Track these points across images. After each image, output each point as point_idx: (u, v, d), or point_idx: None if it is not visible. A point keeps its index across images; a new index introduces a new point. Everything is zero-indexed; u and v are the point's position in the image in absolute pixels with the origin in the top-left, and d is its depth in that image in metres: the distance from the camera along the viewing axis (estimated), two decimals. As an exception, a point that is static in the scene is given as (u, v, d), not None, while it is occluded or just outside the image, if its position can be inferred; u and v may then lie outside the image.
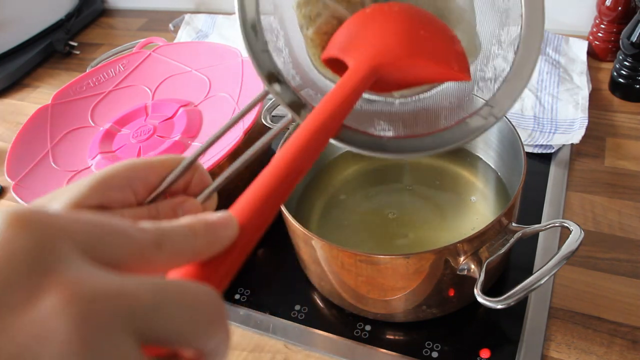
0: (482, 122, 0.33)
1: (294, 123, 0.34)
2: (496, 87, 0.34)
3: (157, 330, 0.17)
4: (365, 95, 0.37)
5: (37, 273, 0.16)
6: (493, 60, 0.36)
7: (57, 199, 0.23)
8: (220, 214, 0.21)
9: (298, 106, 0.33)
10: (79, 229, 0.17)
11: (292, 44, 0.37)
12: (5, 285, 0.15)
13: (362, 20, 0.34)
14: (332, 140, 0.32)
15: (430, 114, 0.37)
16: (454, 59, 0.33)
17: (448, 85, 0.38)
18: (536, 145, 0.66)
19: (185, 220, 0.20)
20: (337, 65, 0.34)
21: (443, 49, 0.33)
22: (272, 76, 0.34)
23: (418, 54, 0.31)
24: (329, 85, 0.37)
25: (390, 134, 0.35)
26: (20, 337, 0.15)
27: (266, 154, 0.69)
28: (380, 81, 0.31)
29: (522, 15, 0.34)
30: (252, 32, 0.34)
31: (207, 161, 0.57)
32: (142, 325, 0.16)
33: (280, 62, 0.35)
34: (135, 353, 0.16)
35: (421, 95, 0.39)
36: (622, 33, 0.68)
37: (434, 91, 0.38)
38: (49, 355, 0.14)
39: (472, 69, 0.36)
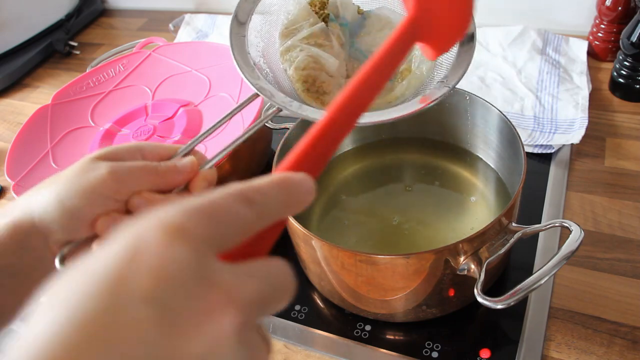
0: (438, 92, 0.42)
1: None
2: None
3: (270, 308, 0.21)
4: None
5: (200, 286, 0.18)
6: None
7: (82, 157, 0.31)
8: (301, 176, 0.23)
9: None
10: (203, 228, 0.19)
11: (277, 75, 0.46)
12: (182, 306, 0.18)
13: None
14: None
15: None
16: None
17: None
18: (536, 145, 0.66)
19: (273, 178, 0.23)
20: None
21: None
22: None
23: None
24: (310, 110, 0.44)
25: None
26: (204, 343, 0.18)
27: (266, 155, 0.69)
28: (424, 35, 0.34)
29: None
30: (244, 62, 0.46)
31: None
32: (264, 310, 0.21)
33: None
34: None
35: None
36: (622, 33, 0.68)
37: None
38: (224, 355, 0.18)
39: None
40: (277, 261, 0.22)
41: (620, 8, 0.72)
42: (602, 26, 0.76)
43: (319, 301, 0.55)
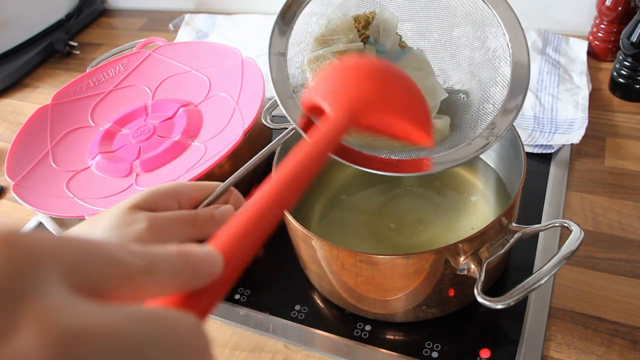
0: (484, 141, 0.39)
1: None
2: (495, 113, 0.41)
3: None
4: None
5: (13, 300, 0.15)
6: (491, 98, 0.43)
7: (118, 203, 0.29)
8: (206, 250, 0.21)
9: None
10: (65, 254, 0.16)
11: None
12: None
13: (342, 69, 0.35)
14: (348, 163, 0.37)
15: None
16: (423, 121, 0.34)
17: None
18: (536, 145, 0.66)
19: (173, 247, 0.20)
20: (318, 112, 0.35)
21: (415, 110, 0.34)
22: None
23: (392, 108, 0.33)
24: None
25: (398, 156, 0.38)
26: None
27: (266, 160, 0.69)
28: (355, 129, 0.33)
29: (510, 56, 0.42)
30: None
31: (208, 161, 0.57)
32: None
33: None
34: None
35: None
36: (622, 33, 0.68)
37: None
38: None
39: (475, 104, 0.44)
40: (190, 319, 0.18)
41: (620, 8, 0.72)
42: (602, 26, 0.76)
43: (319, 301, 0.55)
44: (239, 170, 0.36)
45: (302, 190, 0.26)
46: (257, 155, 0.37)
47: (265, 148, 0.38)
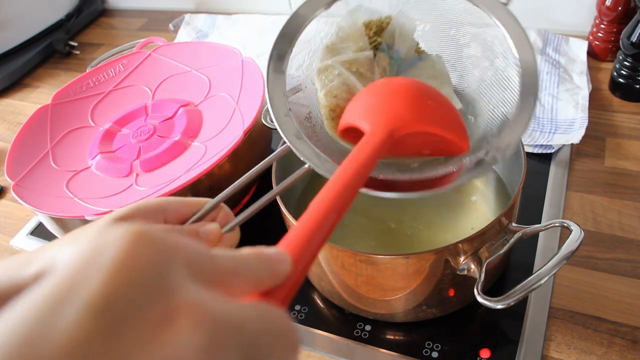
0: (487, 163, 0.38)
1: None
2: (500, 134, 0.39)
3: (258, 354, 0.18)
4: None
5: (165, 293, 0.16)
6: (499, 118, 0.42)
7: (103, 217, 0.28)
8: (277, 250, 0.23)
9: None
10: (183, 252, 0.18)
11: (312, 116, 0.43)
12: (138, 302, 0.16)
13: (375, 91, 0.38)
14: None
15: (440, 161, 0.42)
16: (458, 128, 0.37)
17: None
18: (536, 145, 0.66)
19: (249, 250, 0.22)
20: (352, 135, 0.37)
21: (449, 119, 0.37)
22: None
23: (429, 120, 0.35)
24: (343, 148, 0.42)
25: (403, 176, 0.38)
26: (157, 357, 0.15)
27: (266, 155, 0.69)
28: (392, 147, 0.35)
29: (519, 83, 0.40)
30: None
31: (208, 161, 0.57)
32: (249, 352, 0.17)
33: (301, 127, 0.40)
34: None
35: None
36: (622, 33, 0.68)
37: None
38: None
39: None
40: (275, 307, 0.20)
41: (620, 8, 0.72)
42: (602, 26, 0.76)
43: (319, 301, 0.55)
44: (228, 188, 0.35)
45: (352, 200, 0.29)
46: (248, 173, 0.36)
47: (258, 165, 0.37)
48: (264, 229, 0.64)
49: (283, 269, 0.22)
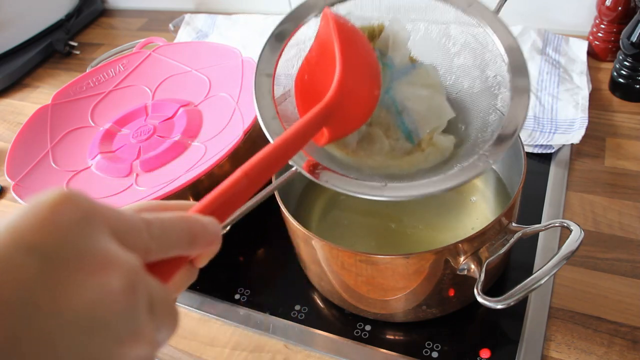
0: (479, 168, 0.38)
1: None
2: (491, 141, 0.40)
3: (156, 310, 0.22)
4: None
5: (89, 246, 0.19)
6: (490, 125, 0.43)
7: None
8: (207, 219, 0.26)
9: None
10: (111, 218, 0.21)
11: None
12: (66, 258, 0.19)
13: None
14: (339, 189, 0.39)
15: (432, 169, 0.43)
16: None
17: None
18: (536, 145, 0.66)
19: (177, 221, 0.24)
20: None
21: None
22: None
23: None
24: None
25: (390, 183, 0.39)
26: (89, 295, 0.19)
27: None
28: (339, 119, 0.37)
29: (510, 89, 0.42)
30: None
31: (208, 161, 0.57)
32: (151, 304, 0.22)
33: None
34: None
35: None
36: (622, 33, 0.68)
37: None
38: (111, 312, 0.19)
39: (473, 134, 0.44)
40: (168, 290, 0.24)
41: (620, 8, 0.72)
42: (602, 26, 0.76)
43: (319, 301, 0.55)
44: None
45: (279, 167, 0.32)
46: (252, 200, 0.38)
47: (261, 193, 0.38)
48: (264, 229, 0.64)
49: (211, 241, 0.26)
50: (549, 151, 0.65)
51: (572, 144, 0.65)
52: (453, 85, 0.47)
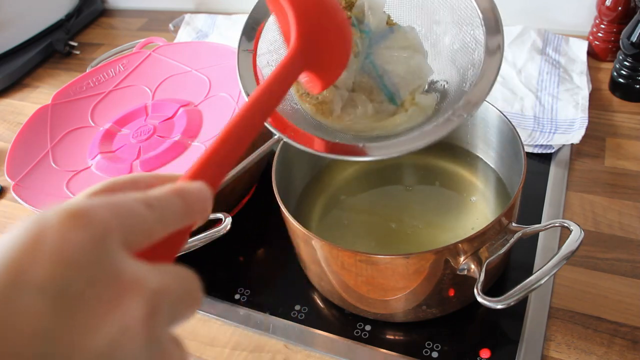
0: (453, 123, 0.39)
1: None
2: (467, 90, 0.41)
3: (177, 310, 0.21)
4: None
5: (106, 271, 0.18)
6: (468, 80, 0.43)
7: (79, 193, 0.27)
8: (198, 185, 0.25)
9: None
10: (117, 224, 0.19)
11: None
12: (84, 282, 0.17)
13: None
14: (324, 154, 0.39)
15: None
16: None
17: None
18: (536, 145, 0.66)
19: (169, 189, 0.23)
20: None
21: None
22: None
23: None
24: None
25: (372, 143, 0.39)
26: (109, 331, 0.17)
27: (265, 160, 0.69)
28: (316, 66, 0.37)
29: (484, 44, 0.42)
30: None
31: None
32: (173, 309, 0.20)
33: None
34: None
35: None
36: (622, 33, 0.68)
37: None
38: (133, 348, 0.18)
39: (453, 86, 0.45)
40: (186, 269, 0.22)
41: (620, 8, 0.72)
42: (602, 26, 0.76)
43: (319, 301, 0.55)
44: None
45: (264, 120, 0.32)
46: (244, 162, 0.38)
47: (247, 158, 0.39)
48: (264, 229, 0.64)
49: (205, 208, 0.24)
50: (549, 151, 0.65)
51: (572, 144, 0.65)
52: (434, 45, 0.48)
